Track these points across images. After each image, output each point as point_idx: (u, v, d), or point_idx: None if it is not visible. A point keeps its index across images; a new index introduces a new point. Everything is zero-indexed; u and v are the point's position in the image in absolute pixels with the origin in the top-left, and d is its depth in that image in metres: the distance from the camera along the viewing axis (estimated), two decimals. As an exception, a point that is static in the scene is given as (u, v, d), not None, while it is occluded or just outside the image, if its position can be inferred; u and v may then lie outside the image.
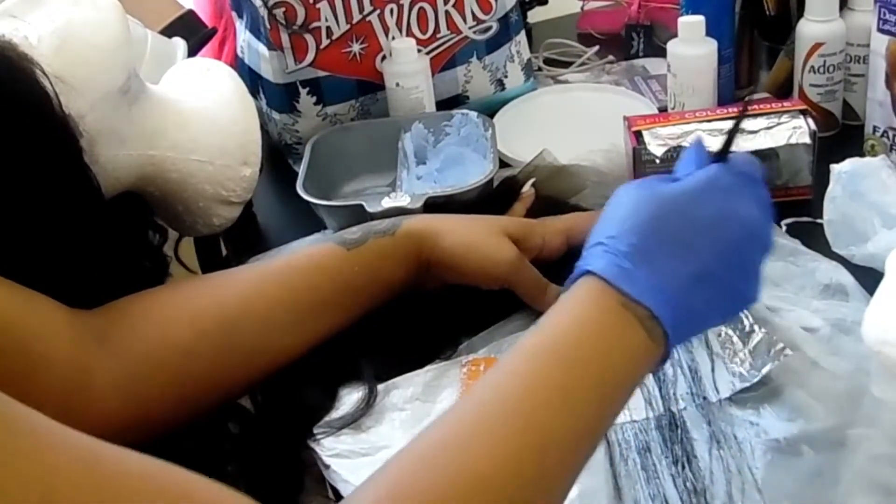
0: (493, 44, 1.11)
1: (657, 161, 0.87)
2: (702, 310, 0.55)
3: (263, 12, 1.01)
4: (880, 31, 0.88)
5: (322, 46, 1.03)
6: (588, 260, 0.55)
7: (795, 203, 0.88)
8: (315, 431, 0.68)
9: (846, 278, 0.76)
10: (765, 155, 0.86)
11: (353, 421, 0.69)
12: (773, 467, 0.61)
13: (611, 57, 1.25)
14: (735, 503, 0.59)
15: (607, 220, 0.57)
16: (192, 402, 0.67)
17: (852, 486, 0.58)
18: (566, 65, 1.25)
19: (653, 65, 1.21)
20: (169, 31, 1.02)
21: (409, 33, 1.05)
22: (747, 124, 0.87)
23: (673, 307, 0.53)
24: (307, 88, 1.05)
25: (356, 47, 1.04)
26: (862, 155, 0.89)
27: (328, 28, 1.02)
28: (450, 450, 0.48)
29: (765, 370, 0.67)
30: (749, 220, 0.58)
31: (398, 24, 1.04)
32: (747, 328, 0.70)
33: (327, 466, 0.66)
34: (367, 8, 1.03)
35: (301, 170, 0.94)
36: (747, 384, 0.67)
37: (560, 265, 0.78)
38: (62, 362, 0.60)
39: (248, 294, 0.70)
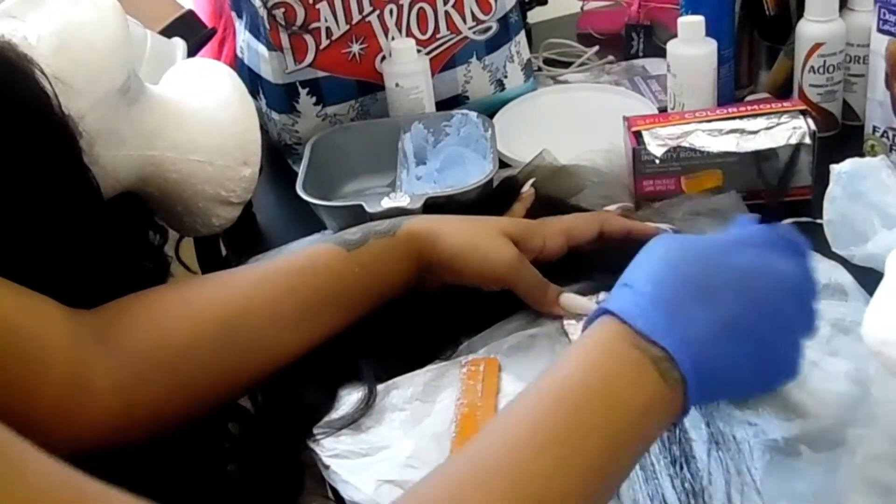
0: (493, 44, 1.11)
1: (657, 161, 0.87)
2: (729, 362, 0.52)
3: (263, 13, 1.01)
4: (880, 31, 0.88)
5: (322, 47, 1.03)
6: (609, 300, 0.54)
7: (795, 203, 0.88)
8: (315, 432, 0.68)
9: (845, 278, 0.76)
10: (765, 155, 0.87)
11: (353, 421, 0.69)
12: (772, 467, 0.61)
13: (611, 57, 1.25)
14: (733, 503, 0.59)
15: (636, 264, 0.55)
16: (194, 401, 0.67)
17: (851, 485, 0.58)
18: (566, 65, 1.25)
19: (653, 65, 1.21)
20: (169, 32, 1.02)
21: (409, 34, 1.05)
22: (747, 124, 0.87)
23: (693, 352, 0.50)
24: (307, 89, 1.05)
25: (356, 48, 1.04)
26: (862, 155, 0.89)
27: (328, 28, 1.02)
28: (448, 497, 0.47)
29: None
30: (785, 274, 0.55)
31: (398, 24, 1.04)
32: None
33: (327, 467, 0.66)
34: (367, 8, 1.03)
35: (301, 170, 0.94)
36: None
37: (560, 266, 0.78)
38: (60, 362, 0.60)
39: (248, 294, 0.70)
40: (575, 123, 1.08)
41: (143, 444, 0.64)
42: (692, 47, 0.98)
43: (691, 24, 0.97)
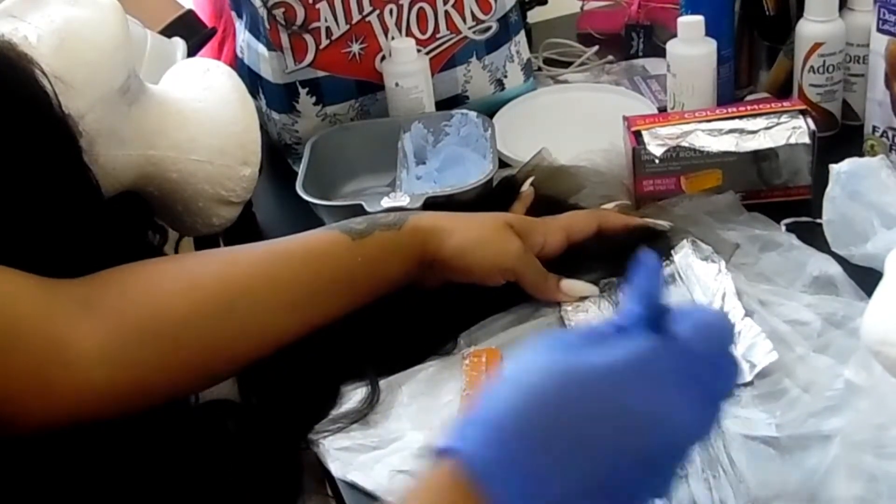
0: (493, 44, 1.11)
1: (657, 161, 0.87)
2: None
3: (263, 12, 1.01)
4: (880, 31, 0.88)
5: (322, 47, 1.03)
6: (459, 437, 0.44)
7: (795, 203, 0.88)
8: (320, 428, 0.68)
9: (835, 269, 0.76)
10: (765, 155, 0.87)
11: (361, 417, 0.69)
12: (756, 458, 0.61)
13: (610, 57, 1.25)
14: (716, 493, 0.59)
15: (505, 386, 0.45)
16: (184, 374, 0.66)
17: (834, 474, 0.58)
18: (566, 65, 1.25)
19: (652, 65, 1.21)
20: (169, 31, 1.03)
21: (409, 33, 1.05)
22: (747, 124, 0.87)
23: None
24: (307, 88, 1.05)
25: (356, 47, 1.04)
26: (861, 155, 0.89)
27: (328, 28, 1.02)
28: None
29: (756, 371, 0.67)
30: (677, 428, 0.45)
31: (398, 24, 1.05)
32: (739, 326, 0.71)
33: (335, 460, 0.66)
34: (367, 8, 1.03)
35: (301, 170, 0.94)
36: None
37: (560, 262, 0.79)
38: (31, 330, 0.60)
39: (250, 272, 0.70)
40: (575, 123, 1.08)
41: (142, 443, 0.64)
42: (692, 47, 0.98)
43: (691, 24, 0.97)
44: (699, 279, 0.76)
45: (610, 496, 0.43)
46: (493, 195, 0.88)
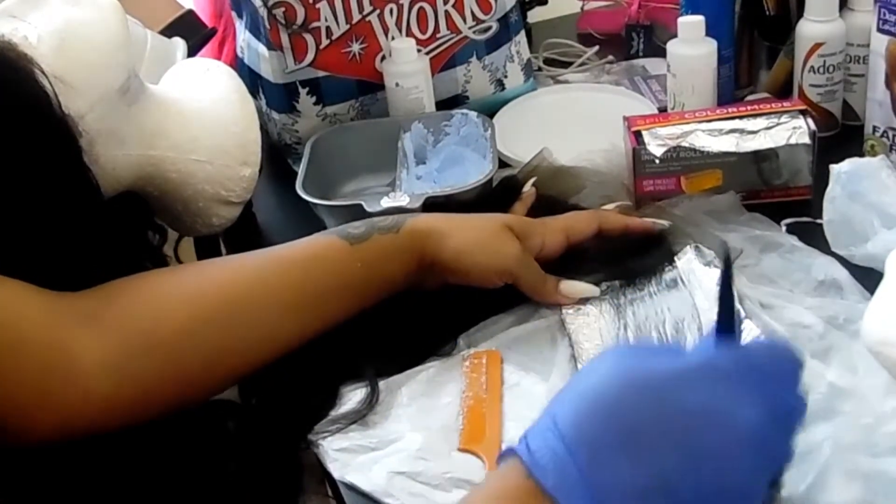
0: (493, 44, 1.11)
1: (657, 161, 0.87)
2: None
3: (263, 12, 1.01)
4: (880, 31, 0.88)
5: (322, 46, 1.03)
6: (528, 437, 0.47)
7: (795, 203, 0.88)
8: (319, 429, 0.68)
9: (840, 273, 0.76)
10: (764, 155, 0.87)
11: (360, 418, 0.69)
12: None
13: (611, 57, 1.25)
14: None
15: (568, 391, 0.48)
16: (187, 384, 0.66)
17: (827, 478, 0.58)
18: (566, 65, 1.25)
19: (653, 65, 1.21)
20: (169, 31, 1.03)
21: (409, 33, 1.05)
22: (747, 124, 0.87)
23: None
24: (307, 88, 1.05)
25: (356, 47, 1.04)
26: (862, 155, 0.89)
27: (328, 28, 1.02)
28: None
29: None
30: (740, 427, 0.46)
31: (398, 24, 1.05)
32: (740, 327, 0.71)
33: (335, 461, 0.66)
34: (367, 8, 1.03)
35: (301, 170, 0.94)
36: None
37: (560, 264, 0.79)
38: (37, 344, 0.60)
39: (248, 280, 0.70)
40: (575, 123, 1.08)
41: (142, 444, 0.64)
42: (692, 47, 0.98)
43: (691, 24, 0.97)
44: (701, 284, 0.76)
45: (677, 495, 0.45)
46: (493, 195, 0.88)
